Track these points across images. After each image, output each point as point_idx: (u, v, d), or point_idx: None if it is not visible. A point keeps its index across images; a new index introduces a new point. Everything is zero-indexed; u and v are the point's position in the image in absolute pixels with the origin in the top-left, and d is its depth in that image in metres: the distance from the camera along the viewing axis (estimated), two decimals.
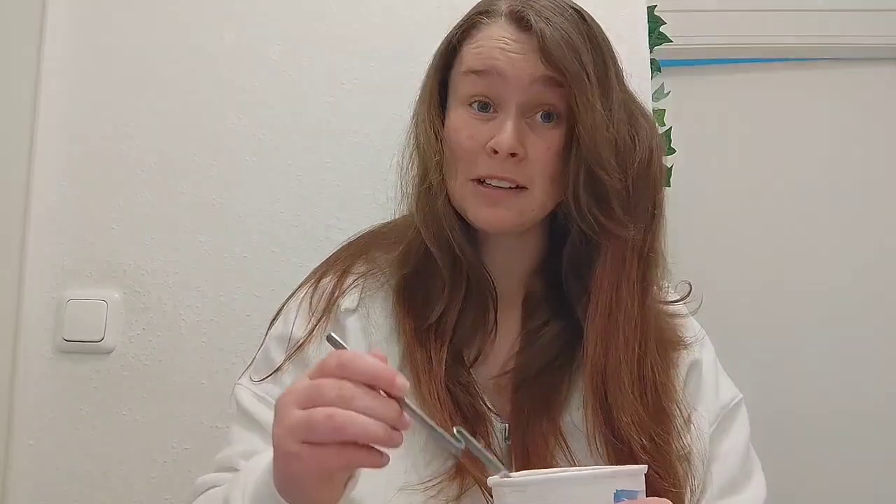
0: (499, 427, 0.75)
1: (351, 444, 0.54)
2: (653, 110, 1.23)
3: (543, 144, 0.75)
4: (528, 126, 0.75)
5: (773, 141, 1.83)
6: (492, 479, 0.56)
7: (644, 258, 0.77)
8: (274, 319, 0.85)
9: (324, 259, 0.89)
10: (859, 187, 1.82)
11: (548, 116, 0.76)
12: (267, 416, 0.76)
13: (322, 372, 0.56)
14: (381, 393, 0.55)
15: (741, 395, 0.84)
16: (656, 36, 1.34)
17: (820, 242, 1.80)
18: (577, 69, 0.73)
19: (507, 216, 0.76)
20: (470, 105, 0.77)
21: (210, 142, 1.18)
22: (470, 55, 0.78)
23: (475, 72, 0.76)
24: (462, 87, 0.78)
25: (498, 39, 0.76)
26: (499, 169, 0.74)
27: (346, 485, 0.61)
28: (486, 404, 0.75)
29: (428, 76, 0.83)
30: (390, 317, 0.80)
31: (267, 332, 0.85)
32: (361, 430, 0.53)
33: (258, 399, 0.79)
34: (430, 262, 0.78)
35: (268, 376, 0.79)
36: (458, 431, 0.57)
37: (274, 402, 0.75)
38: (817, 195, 1.82)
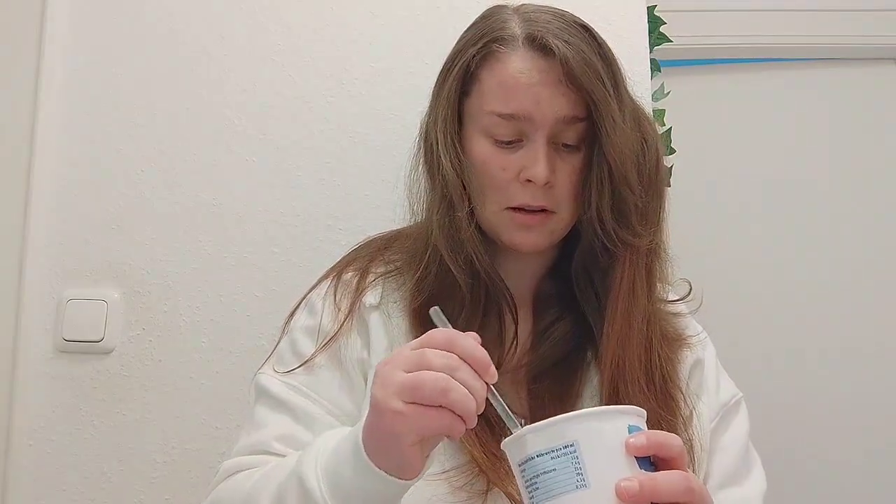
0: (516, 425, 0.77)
1: (448, 410, 0.57)
2: (653, 110, 1.23)
3: (568, 169, 0.78)
4: (554, 152, 0.78)
5: (773, 141, 1.83)
6: (507, 440, 0.58)
7: (652, 254, 0.80)
8: (293, 312, 0.86)
9: (324, 257, 0.89)
10: (859, 187, 1.82)
11: (568, 145, 0.78)
12: (299, 403, 0.77)
13: (428, 343, 0.60)
14: None
15: (741, 394, 0.86)
16: (656, 36, 1.34)
17: (819, 242, 1.80)
18: (602, 93, 0.75)
19: (540, 239, 0.80)
20: (494, 139, 0.78)
21: (210, 142, 1.18)
22: (493, 93, 0.78)
23: (502, 115, 0.77)
24: (485, 122, 0.78)
25: (521, 73, 0.76)
26: (531, 198, 0.77)
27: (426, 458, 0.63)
28: (510, 408, 0.77)
29: (442, 100, 0.82)
30: (410, 315, 0.81)
31: (287, 325, 0.86)
32: (461, 398, 0.57)
33: (290, 388, 0.79)
34: (448, 283, 0.79)
35: (299, 366, 0.80)
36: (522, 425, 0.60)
37: (308, 391, 0.78)
38: (817, 195, 1.82)
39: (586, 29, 0.79)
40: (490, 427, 0.74)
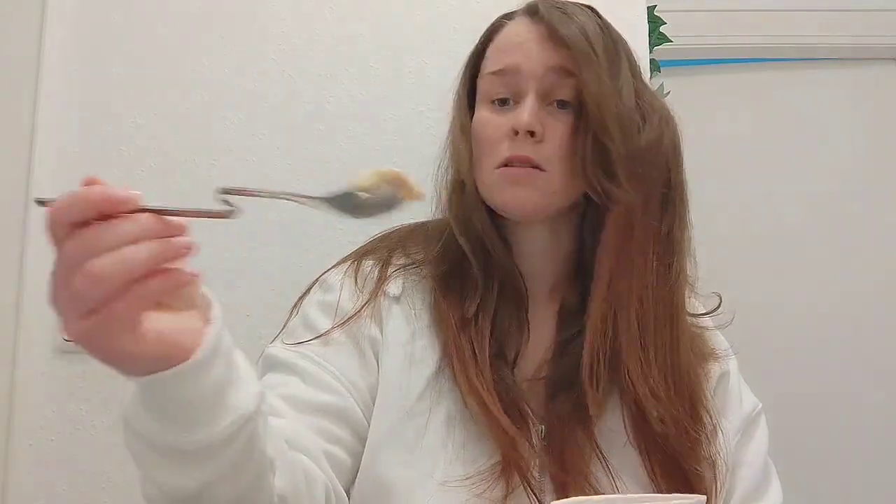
0: (536, 429, 0.76)
1: (135, 282, 0.46)
2: None
3: (559, 126, 0.78)
4: (546, 111, 0.79)
5: (773, 141, 1.83)
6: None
7: (663, 240, 0.79)
8: (305, 293, 0.85)
9: (324, 257, 0.89)
10: (860, 187, 1.82)
11: (563, 104, 0.79)
12: (309, 368, 0.76)
13: (55, 240, 0.46)
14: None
15: (761, 404, 0.86)
16: (656, 36, 1.34)
17: (819, 242, 1.80)
18: (584, 45, 0.77)
19: (530, 196, 0.78)
20: (492, 102, 0.81)
21: (210, 142, 1.18)
22: (491, 58, 0.83)
23: (494, 73, 0.81)
24: (485, 87, 0.82)
25: (515, 35, 0.81)
26: (519, 149, 0.77)
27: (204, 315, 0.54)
28: (529, 406, 0.77)
29: (460, 82, 0.87)
30: (432, 309, 0.81)
31: (297, 305, 0.84)
32: (131, 264, 0.46)
33: (301, 356, 0.77)
34: (464, 260, 0.81)
35: (314, 338, 0.78)
36: (223, 193, 0.51)
37: (319, 360, 0.76)
38: (817, 195, 1.82)
39: (591, 8, 0.83)
40: (510, 422, 0.74)
